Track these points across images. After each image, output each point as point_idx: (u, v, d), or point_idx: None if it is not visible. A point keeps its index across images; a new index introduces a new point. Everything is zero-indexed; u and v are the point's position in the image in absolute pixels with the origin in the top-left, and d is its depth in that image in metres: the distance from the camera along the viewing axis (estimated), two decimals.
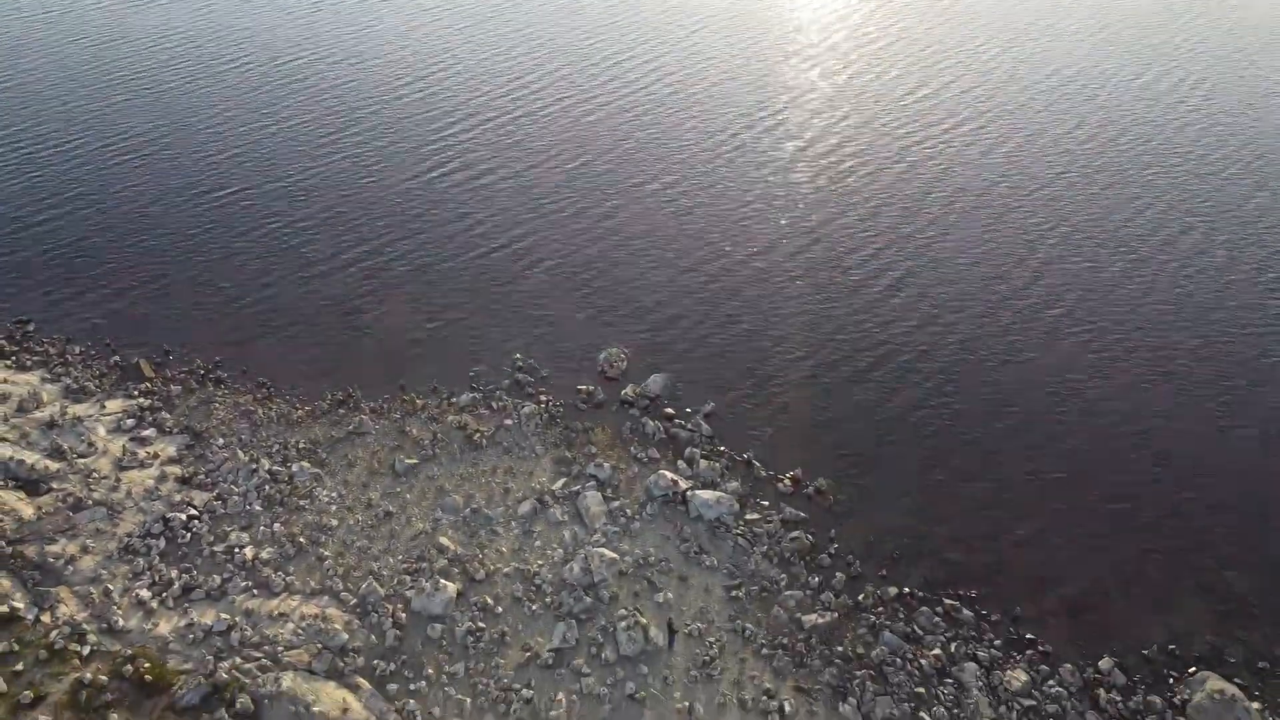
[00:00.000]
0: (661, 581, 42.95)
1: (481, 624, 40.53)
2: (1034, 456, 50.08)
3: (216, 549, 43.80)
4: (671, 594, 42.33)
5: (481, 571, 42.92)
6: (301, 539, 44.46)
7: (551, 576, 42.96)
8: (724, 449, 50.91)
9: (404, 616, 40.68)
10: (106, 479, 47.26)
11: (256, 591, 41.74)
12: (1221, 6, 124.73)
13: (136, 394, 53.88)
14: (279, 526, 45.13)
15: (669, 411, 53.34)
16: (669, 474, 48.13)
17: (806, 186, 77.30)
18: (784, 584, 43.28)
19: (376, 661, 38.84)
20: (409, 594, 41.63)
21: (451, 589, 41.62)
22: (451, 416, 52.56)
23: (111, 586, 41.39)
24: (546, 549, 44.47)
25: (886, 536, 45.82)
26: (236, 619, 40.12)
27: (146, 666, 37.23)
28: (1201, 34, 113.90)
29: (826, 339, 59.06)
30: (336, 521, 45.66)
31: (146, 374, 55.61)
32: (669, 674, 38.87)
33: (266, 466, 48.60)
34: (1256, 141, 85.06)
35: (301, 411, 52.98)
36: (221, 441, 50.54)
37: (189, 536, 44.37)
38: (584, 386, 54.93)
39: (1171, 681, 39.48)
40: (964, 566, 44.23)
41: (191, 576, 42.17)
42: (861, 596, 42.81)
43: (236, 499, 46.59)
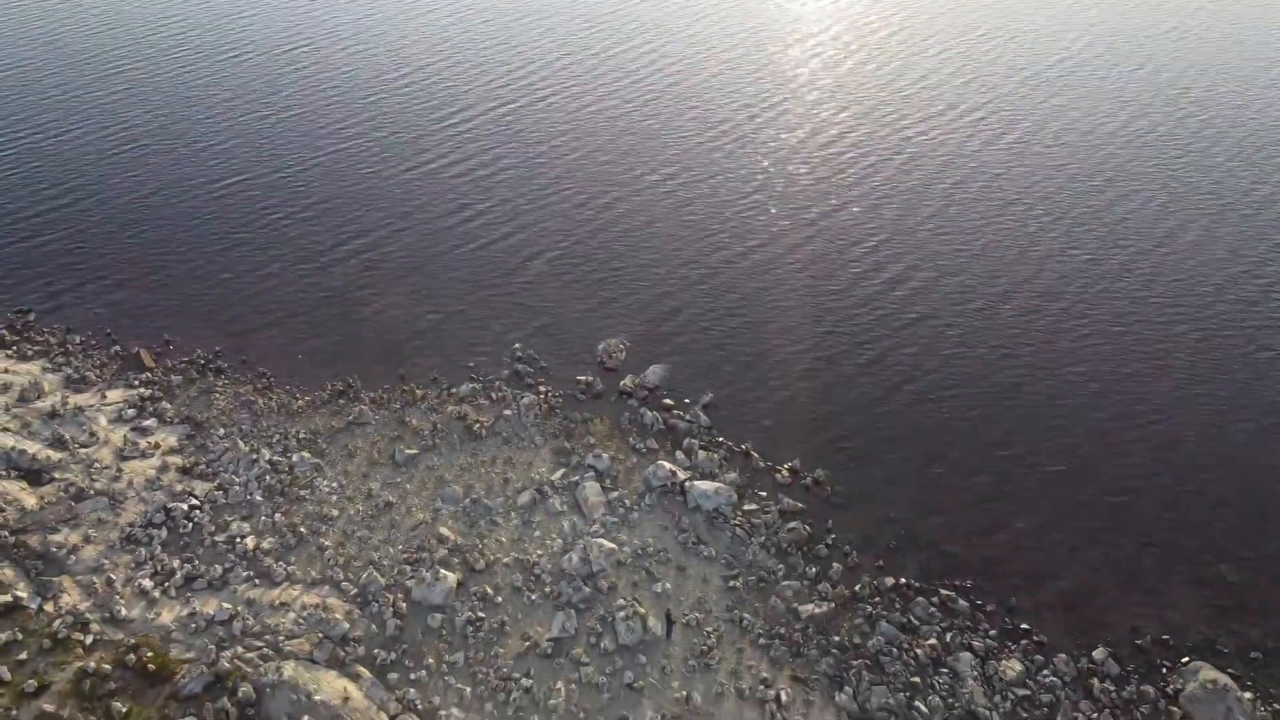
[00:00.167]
0: (660, 572, 43.27)
1: (481, 614, 40.85)
2: (1032, 449, 50.31)
3: (218, 539, 44.10)
4: (670, 584, 42.65)
5: (481, 561, 43.23)
6: (302, 529, 44.75)
7: (550, 566, 43.28)
8: (722, 440, 51.18)
9: (404, 606, 41.00)
10: (108, 469, 47.53)
11: (258, 581, 42.04)
12: None
13: (137, 384, 54.10)
14: (280, 516, 45.41)
15: (668, 402, 53.59)
16: (667, 464, 48.40)
17: (807, 178, 77.36)
18: (781, 574, 43.59)
19: (377, 651, 39.18)
20: (409, 584, 41.94)
21: (451, 579, 41.93)
22: (451, 407, 52.81)
23: (114, 576, 41.71)
24: (546, 539, 44.78)
25: (883, 527, 46.13)
26: (238, 608, 40.45)
27: (149, 655, 37.55)
28: (1204, 25, 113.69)
29: (826, 331, 59.28)
30: (337, 511, 45.94)
31: (147, 364, 55.83)
32: (667, 663, 39.22)
33: (267, 456, 48.86)
34: (1258, 134, 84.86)
35: (302, 402, 53.21)
36: (222, 432, 50.79)
37: (190, 526, 44.65)
38: (583, 377, 55.17)
39: (1165, 671, 39.81)
40: (960, 557, 44.55)
41: (193, 566, 42.48)
42: (858, 587, 43.12)
43: (237, 489, 46.85)
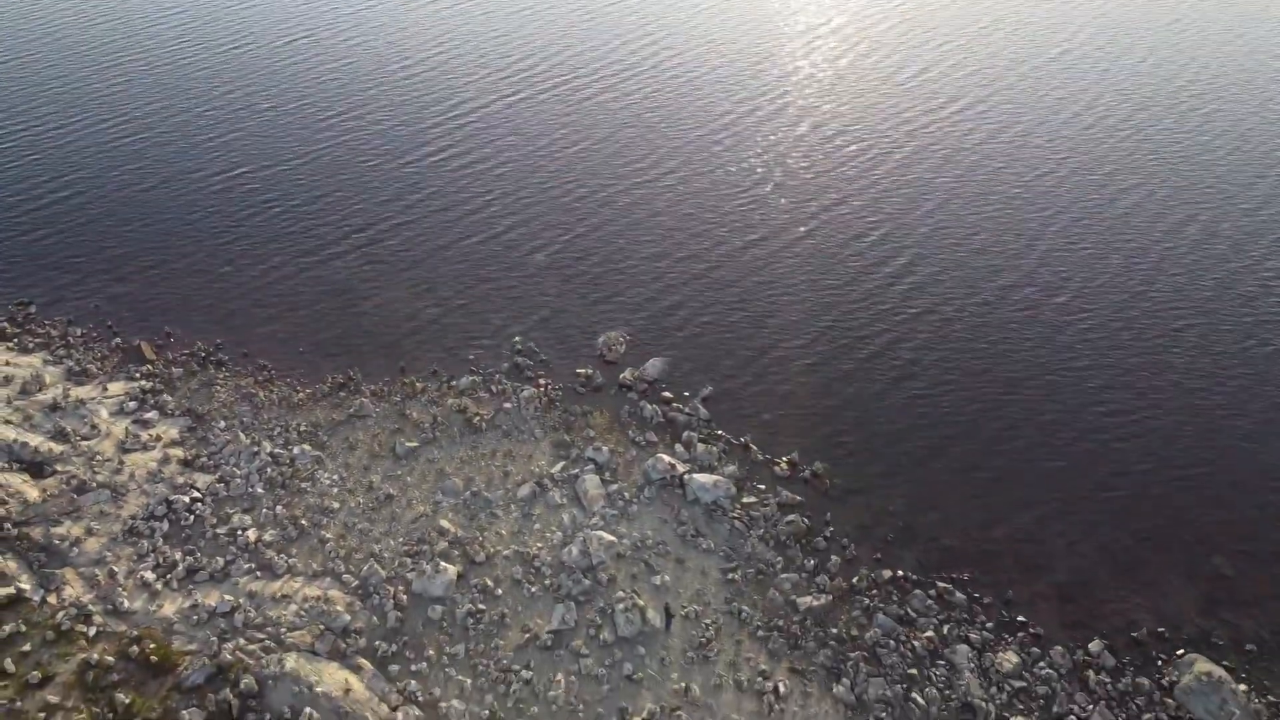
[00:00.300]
0: (659, 564, 43.54)
1: (481, 606, 41.14)
2: (1030, 443, 50.49)
3: (219, 531, 44.35)
4: (669, 576, 42.92)
5: (481, 554, 43.49)
6: (303, 521, 45.00)
7: (550, 559, 43.54)
8: (721, 433, 51.38)
9: (405, 598, 41.28)
10: (110, 461, 47.74)
11: (259, 573, 42.32)
12: None
13: (138, 376, 54.28)
14: (281, 509, 45.66)
15: (667, 395, 53.79)
16: (667, 457, 48.62)
17: (808, 172, 77.35)
18: (780, 567, 43.86)
19: (378, 643, 39.46)
20: (410, 576, 42.22)
21: (452, 571, 42.20)
22: (451, 400, 52.99)
23: (116, 568, 41.97)
24: (545, 532, 45.03)
25: (881, 520, 46.39)
26: (240, 600, 40.72)
27: (152, 647, 37.83)
28: (1207, 19, 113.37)
29: (825, 324, 59.42)
30: (338, 504, 46.19)
31: (148, 356, 55.97)
32: (666, 655, 39.52)
33: (268, 449, 49.07)
34: (1261, 129, 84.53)
35: (302, 394, 53.40)
36: (223, 424, 50.99)
37: (192, 519, 44.90)
38: (583, 370, 55.35)
39: (1160, 664, 40.13)
40: (958, 550, 44.82)
41: (195, 558, 42.73)
42: (856, 579, 43.40)
43: (239, 481, 47.08)
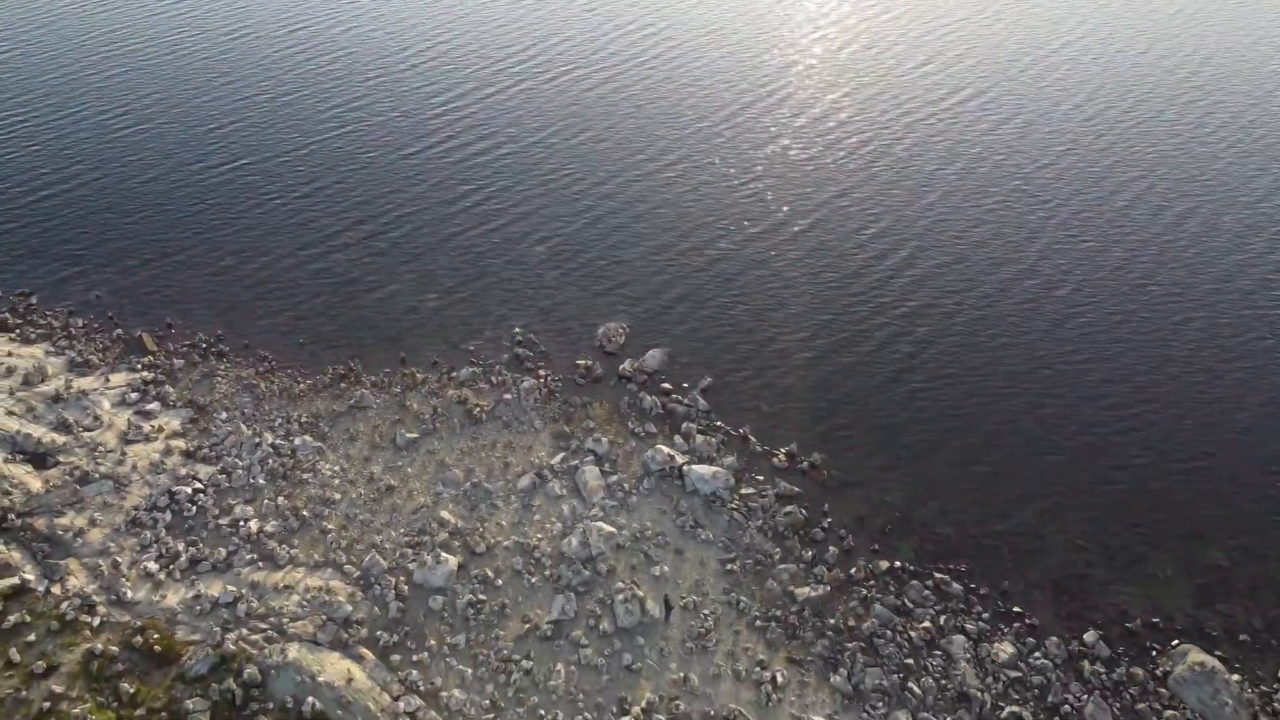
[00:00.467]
0: (658, 555, 43.88)
1: (482, 596, 41.49)
2: (1028, 436, 50.77)
3: (221, 522, 44.67)
4: (668, 567, 43.28)
5: (482, 545, 43.83)
6: (305, 512, 45.31)
7: (550, 550, 43.88)
8: (720, 424, 51.67)
9: (406, 589, 41.64)
10: (112, 452, 47.98)
11: (261, 564, 42.65)
12: None
13: (140, 367, 54.48)
14: (283, 500, 45.96)
15: (666, 387, 54.04)
16: (666, 449, 48.92)
17: (808, 164, 77.33)
18: (778, 558, 44.21)
19: (380, 633, 39.83)
20: (411, 567, 42.56)
21: (452, 562, 42.54)
22: (451, 391, 53.24)
23: (120, 559, 42.27)
24: (545, 523, 45.36)
25: (879, 511, 46.74)
26: (242, 591, 41.07)
27: (155, 637, 38.20)
28: (1210, 11, 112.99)
29: (824, 316, 59.61)
30: (339, 495, 46.49)
31: (149, 348, 56.18)
32: (665, 645, 39.90)
33: (269, 440, 49.35)
34: (1263, 122, 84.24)
35: (303, 385, 53.64)
36: (225, 415, 51.24)
37: (194, 510, 45.20)
38: (582, 361, 55.57)
39: (1154, 654, 40.54)
40: (954, 541, 45.20)
41: (198, 549, 43.06)
42: (854, 570, 43.77)
43: (240, 472, 47.37)
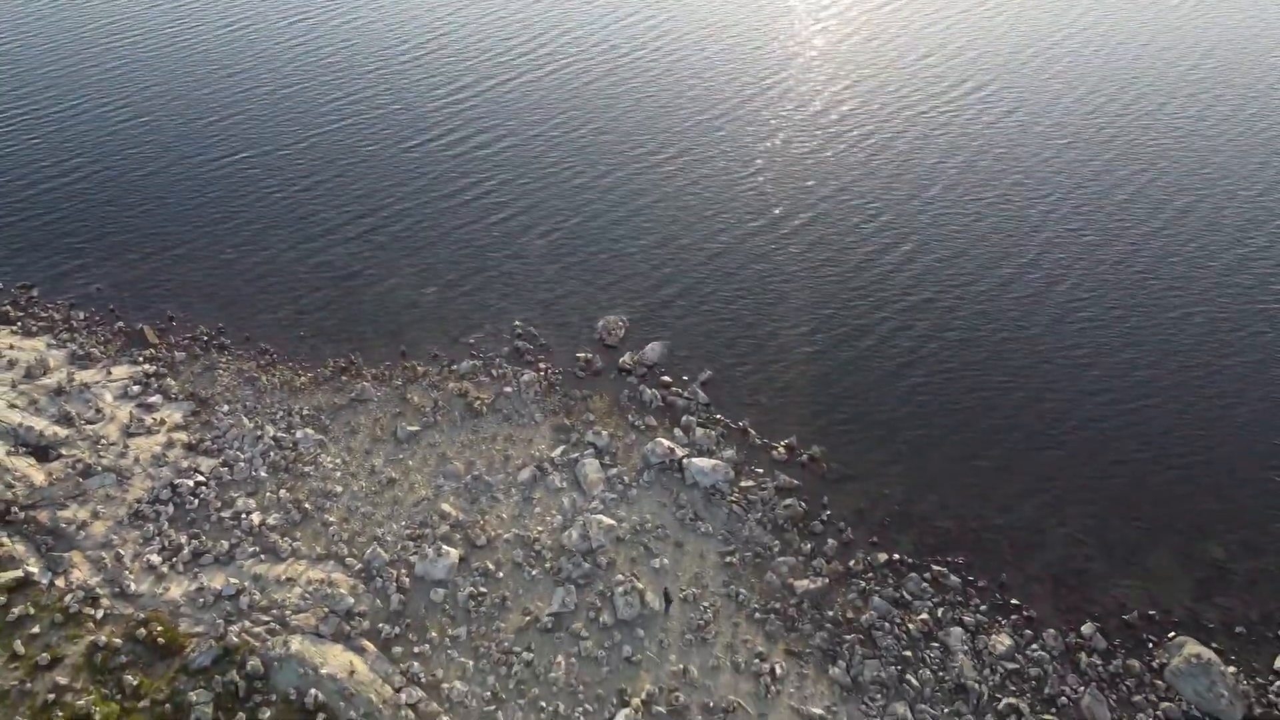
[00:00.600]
0: (658, 548, 44.14)
1: (483, 589, 41.77)
2: (1028, 431, 50.91)
3: (224, 514, 44.92)
4: (667, 560, 43.53)
5: (483, 537, 44.08)
6: (307, 505, 45.55)
7: (551, 542, 44.13)
8: (720, 417, 51.84)
9: (408, 581, 41.92)
10: (115, 445, 48.21)
11: (264, 556, 42.92)
12: None
13: (141, 360, 54.67)
14: (284, 493, 46.20)
15: (666, 379, 54.20)
16: (666, 441, 49.11)
17: (809, 158, 77.18)
18: (777, 550, 44.46)
19: (381, 625, 40.13)
20: (412, 559, 42.82)
21: (454, 554, 42.80)
22: (452, 384, 53.41)
23: (122, 551, 42.53)
24: (546, 515, 45.60)
25: (878, 504, 46.97)
26: (245, 583, 41.33)
27: (159, 630, 38.48)
28: (1212, 1, 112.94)
29: (824, 309, 59.73)
30: (340, 488, 46.73)
31: (151, 340, 56.35)
32: (665, 637, 40.19)
33: (271, 433, 49.56)
34: (1265, 115, 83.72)
35: (304, 378, 53.81)
36: (226, 408, 51.45)
37: (196, 502, 45.45)
38: (582, 354, 55.72)
39: (1151, 646, 40.79)
40: (953, 534, 45.43)
41: (200, 542, 43.32)
42: (852, 563, 44.03)
43: (242, 465, 47.60)
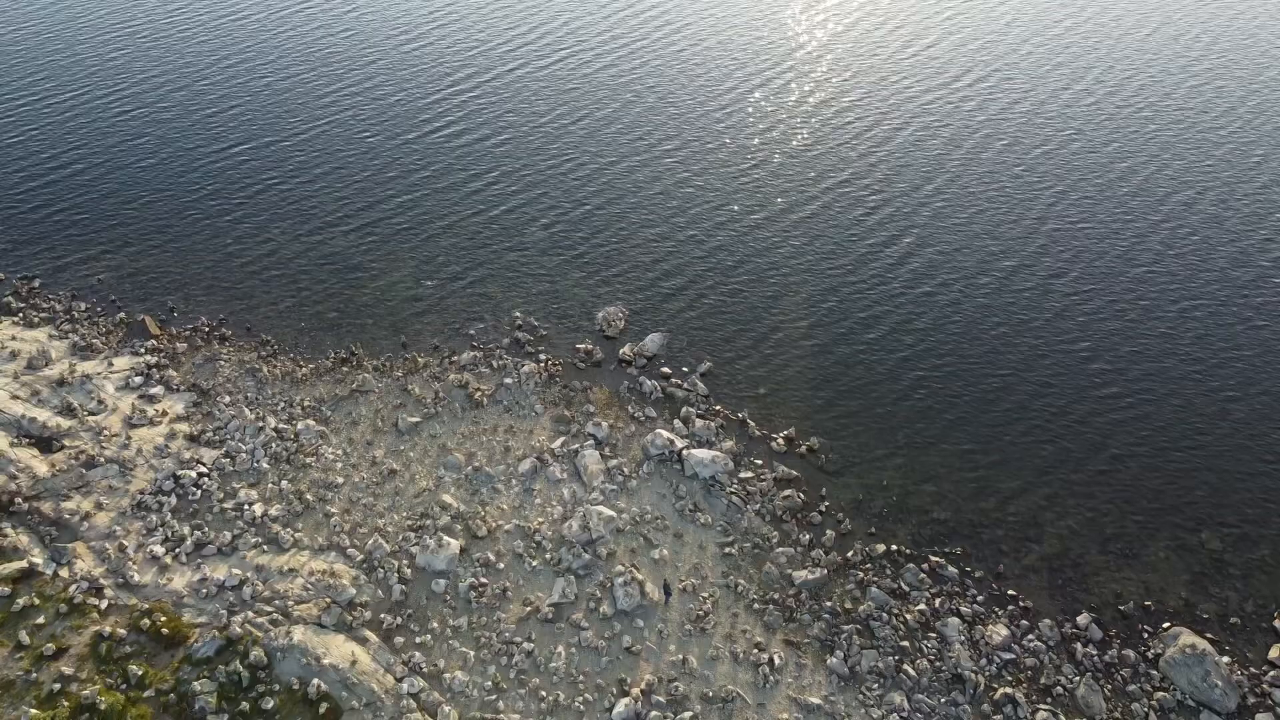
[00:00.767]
0: (657, 539, 44.43)
1: (484, 579, 42.07)
2: (1026, 423, 51.18)
3: (226, 506, 45.20)
4: (667, 551, 43.83)
5: (483, 528, 44.36)
6: (308, 496, 45.83)
7: (551, 533, 44.43)
8: (719, 408, 52.08)
9: (409, 572, 42.23)
10: (117, 436, 48.46)
11: (266, 547, 43.22)
12: None
13: (143, 351, 54.82)
14: (286, 484, 46.45)
15: (666, 371, 54.41)
16: (665, 433, 49.36)
17: (811, 149, 77.25)
18: (776, 541, 44.77)
19: (383, 615, 40.45)
20: (414, 550, 43.12)
21: (454, 545, 43.09)
22: (453, 375, 53.60)
23: (126, 542, 42.82)
24: (546, 507, 45.88)
25: (876, 495, 47.27)
26: (247, 574, 41.64)
27: (163, 620, 38.82)
28: None
29: (823, 301, 59.90)
30: (342, 479, 46.99)
31: (152, 331, 56.51)
32: (664, 628, 40.52)
33: (273, 424, 49.79)
34: (1268, 108, 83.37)
35: (305, 369, 54.01)
36: (228, 399, 51.66)
37: (199, 493, 45.72)
38: (582, 345, 55.91)
39: (1146, 636, 41.16)
40: (950, 525, 45.74)
41: (203, 533, 43.60)
42: (850, 554, 44.35)
43: (244, 456, 47.85)
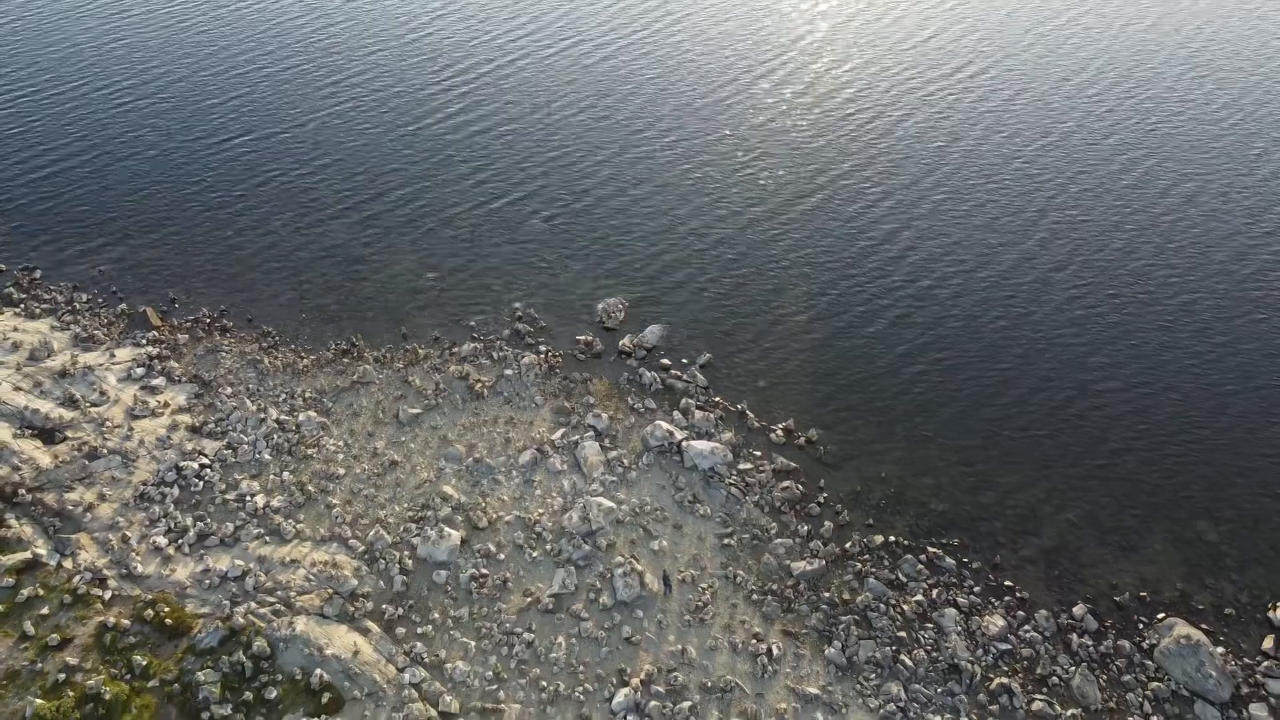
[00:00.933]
0: (657, 530, 44.75)
1: (485, 570, 42.41)
2: (1023, 414, 51.37)
3: (228, 497, 45.49)
4: (666, 542, 44.15)
5: (484, 520, 44.68)
6: (310, 487, 46.12)
7: (551, 525, 44.74)
8: (719, 400, 52.31)
9: (410, 563, 42.56)
10: (120, 428, 48.72)
11: (268, 539, 43.54)
12: None
13: (144, 342, 55.04)
14: (288, 475, 46.75)
15: (665, 362, 54.64)
16: (665, 424, 49.62)
17: (811, 142, 77.09)
18: (774, 532, 45.09)
19: (385, 606, 40.79)
20: (415, 541, 43.44)
21: (455, 536, 43.41)
22: (453, 366, 53.82)
23: (129, 533, 43.16)
24: (546, 498, 46.18)
25: (874, 486, 47.55)
26: (250, 565, 41.99)
27: (166, 611, 39.16)
28: None
29: (822, 291, 60.07)
30: (343, 470, 47.29)
31: (154, 322, 56.70)
32: (663, 618, 40.88)
33: (274, 416, 50.05)
34: (1271, 100, 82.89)
35: (307, 361, 54.24)
36: (230, 391, 51.90)
37: (201, 485, 46.01)
38: (582, 337, 56.11)
39: (1141, 627, 41.51)
40: (948, 516, 46.05)
41: (205, 524, 43.91)
42: (848, 545, 44.66)
43: (246, 448, 48.13)
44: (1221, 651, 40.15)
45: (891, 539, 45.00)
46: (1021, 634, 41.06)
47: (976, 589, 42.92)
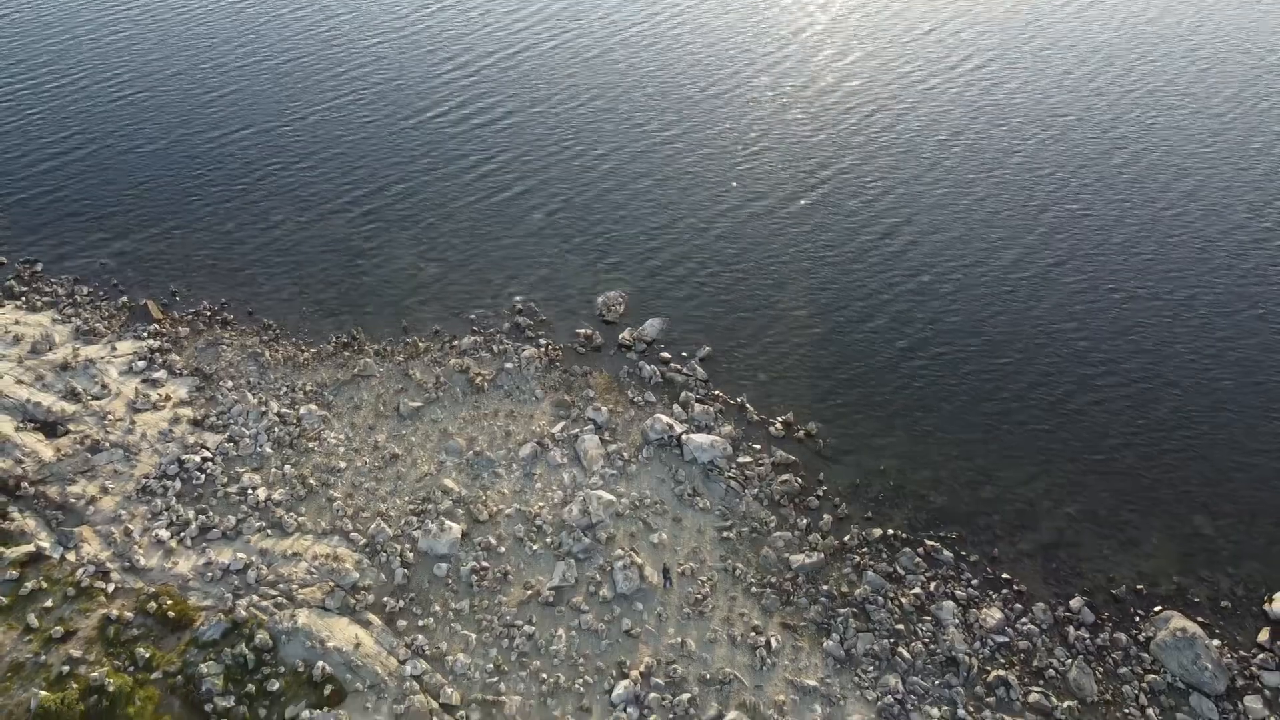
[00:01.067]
0: (656, 523, 44.95)
1: (485, 563, 42.63)
2: (1022, 408, 51.56)
3: (230, 490, 45.70)
4: (666, 535, 44.36)
5: (484, 513, 44.88)
6: (311, 480, 46.32)
7: (551, 518, 44.94)
8: (718, 393, 52.48)
9: (411, 556, 42.77)
10: (121, 421, 48.91)
11: (270, 532, 43.75)
12: None
13: (146, 336, 55.20)
14: (289, 468, 46.94)
15: (665, 356, 54.78)
16: (665, 418, 49.79)
17: (812, 137, 77.12)
18: (773, 525, 45.28)
19: (386, 599, 41.03)
20: (416, 534, 43.65)
21: (456, 530, 43.62)
22: (454, 360, 53.99)
23: (131, 526, 43.36)
24: (546, 491, 46.38)
25: (873, 480, 47.73)
26: (252, 558, 42.20)
27: (169, 603, 39.38)
28: None
29: (822, 285, 60.19)
30: (344, 463, 47.48)
31: (155, 315, 56.85)
32: (663, 611, 41.09)
33: (275, 409, 50.23)
34: (1273, 94, 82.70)
35: (307, 354, 54.41)
36: (231, 384, 52.07)
37: (203, 478, 46.21)
38: (582, 330, 56.25)
39: (1137, 620, 41.72)
40: (946, 509, 46.24)
41: (207, 517, 44.12)
42: (847, 538, 44.87)
43: (247, 441, 48.32)
44: (1217, 644, 40.36)
45: (890, 532, 45.22)
46: (1019, 627, 41.29)
47: (974, 582, 43.14)
